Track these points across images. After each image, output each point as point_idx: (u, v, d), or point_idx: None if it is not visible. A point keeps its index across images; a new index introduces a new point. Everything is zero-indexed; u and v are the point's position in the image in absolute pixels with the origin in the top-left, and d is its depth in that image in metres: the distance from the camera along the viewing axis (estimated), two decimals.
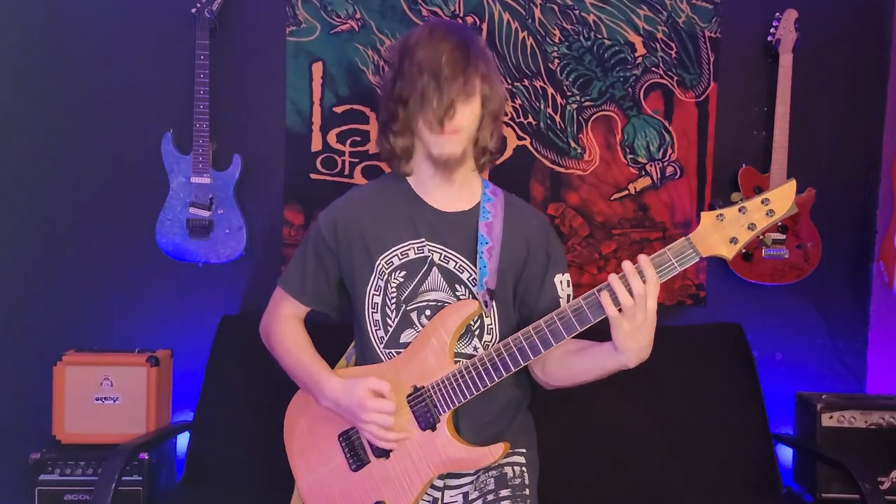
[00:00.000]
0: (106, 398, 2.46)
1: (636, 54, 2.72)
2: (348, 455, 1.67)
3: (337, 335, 1.83)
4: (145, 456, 2.35)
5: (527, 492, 1.71)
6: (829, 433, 2.48)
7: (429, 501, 1.69)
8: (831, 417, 2.49)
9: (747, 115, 2.76)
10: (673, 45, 2.72)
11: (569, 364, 1.64)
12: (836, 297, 2.81)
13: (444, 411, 1.58)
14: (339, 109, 2.71)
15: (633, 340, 1.45)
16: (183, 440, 2.56)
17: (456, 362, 1.61)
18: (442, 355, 1.59)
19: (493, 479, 1.68)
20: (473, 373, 1.56)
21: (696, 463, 2.44)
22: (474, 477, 1.70)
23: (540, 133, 2.74)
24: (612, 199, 2.75)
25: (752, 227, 1.41)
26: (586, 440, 2.43)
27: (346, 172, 2.71)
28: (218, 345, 2.54)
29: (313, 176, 2.71)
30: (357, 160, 2.70)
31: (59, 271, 2.72)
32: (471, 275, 1.66)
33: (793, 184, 1.41)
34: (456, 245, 1.66)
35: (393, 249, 1.66)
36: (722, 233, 1.43)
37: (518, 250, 1.70)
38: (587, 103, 2.73)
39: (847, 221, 2.81)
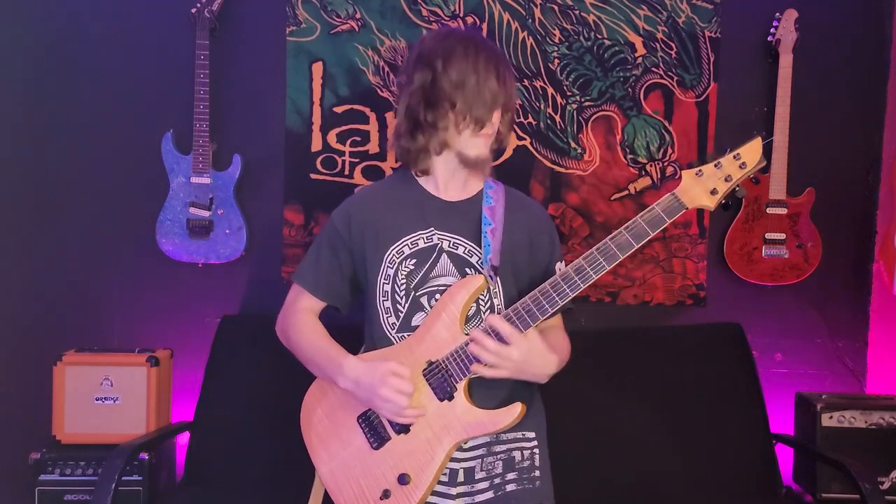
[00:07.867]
0: (106, 398, 2.46)
1: (636, 54, 2.72)
2: (369, 435, 1.70)
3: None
4: (145, 456, 2.34)
5: (536, 473, 1.74)
6: (829, 433, 2.48)
7: (445, 475, 1.70)
8: (831, 417, 2.49)
9: (747, 115, 2.76)
10: (673, 45, 2.72)
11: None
12: (836, 297, 2.81)
13: (460, 379, 1.64)
14: (339, 109, 2.71)
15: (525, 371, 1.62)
16: (183, 440, 2.56)
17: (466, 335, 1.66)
18: (454, 328, 1.65)
19: (501, 462, 1.71)
20: None
21: (696, 463, 2.44)
22: (483, 453, 1.71)
23: (540, 133, 2.74)
24: (612, 199, 2.74)
25: (728, 178, 1.57)
26: (586, 440, 2.43)
27: (346, 172, 2.71)
28: (218, 345, 2.54)
29: (313, 176, 2.71)
30: (357, 160, 2.71)
31: (59, 271, 2.72)
32: (479, 258, 1.73)
33: (759, 140, 1.57)
34: (463, 231, 1.73)
35: (404, 239, 1.73)
36: (702, 186, 1.58)
37: (520, 233, 1.77)
38: (587, 103, 2.73)
39: (847, 221, 2.81)
